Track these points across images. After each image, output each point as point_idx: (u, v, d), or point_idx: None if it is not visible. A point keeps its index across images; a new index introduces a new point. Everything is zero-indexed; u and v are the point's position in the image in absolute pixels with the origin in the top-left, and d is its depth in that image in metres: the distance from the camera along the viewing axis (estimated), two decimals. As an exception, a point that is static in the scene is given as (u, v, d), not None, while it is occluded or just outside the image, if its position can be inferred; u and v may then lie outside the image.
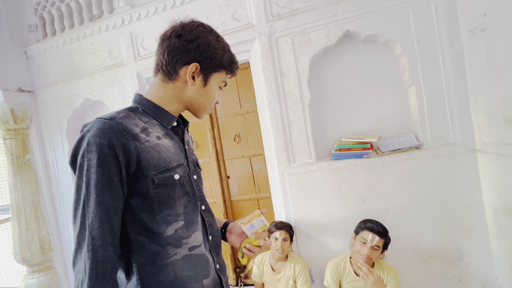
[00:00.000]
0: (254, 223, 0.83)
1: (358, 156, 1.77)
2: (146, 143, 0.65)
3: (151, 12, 2.12)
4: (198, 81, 0.73)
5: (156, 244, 0.66)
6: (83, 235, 0.59)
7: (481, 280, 1.60)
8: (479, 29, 1.40)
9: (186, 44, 0.70)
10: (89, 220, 0.58)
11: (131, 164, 0.62)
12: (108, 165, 0.60)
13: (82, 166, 0.60)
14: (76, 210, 0.61)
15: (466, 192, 1.60)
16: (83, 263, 0.57)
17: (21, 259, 2.35)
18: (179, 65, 0.71)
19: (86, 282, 0.56)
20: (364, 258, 1.44)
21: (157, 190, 0.65)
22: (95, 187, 0.59)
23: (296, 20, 1.82)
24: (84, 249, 0.58)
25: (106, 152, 0.60)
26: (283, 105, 1.88)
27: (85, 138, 0.61)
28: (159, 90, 0.74)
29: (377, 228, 1.46)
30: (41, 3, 2.49)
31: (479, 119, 1.52)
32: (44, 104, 2.54)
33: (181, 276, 0.67)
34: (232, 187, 2.29)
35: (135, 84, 2.22)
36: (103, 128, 0.61)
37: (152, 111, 0.72)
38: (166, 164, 0.67)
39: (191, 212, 0.72)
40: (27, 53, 2.53)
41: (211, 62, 0.72)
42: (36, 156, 2.56)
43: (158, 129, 0.71)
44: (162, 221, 0.66)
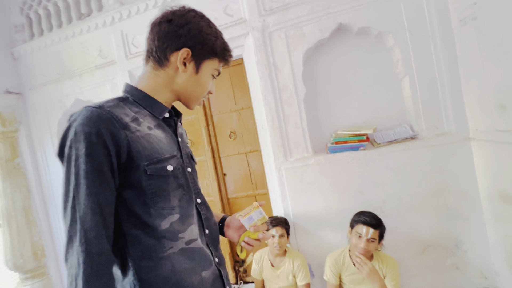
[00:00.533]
0: (252, 215, 0.81)
1: (354, 148, 1.77)
2: (137, 133, 0.63)
3: (141, 9, 2.08)
4: (190, 68, 0.71)
5: (151, 238, 0.63)
6: (75, 228, 0.56)
7: (478, 267, 1.62)
8: (469, 18, 1.41)
9: (176, 30, 0.67)
10: (80, 212, 0.56)
11: (122, 153, 0.60)
12: (97, 155, 0.57)
13: (70, 156, 0.57)
14: (66, 203, 0.58)
15: (461, 180, 1.62)
16: (76, 257, 0.54)
17: (13, 266, 2.28)
18: (170, 51, 0.68)
19: (81, 276, 0.53)
20: (362, 252, 1.44)
21: (149, 182, 0.63)
22: (85, 178, 0.56)
23: (289, 14, 1.81)
24: (76, 242, 0.55)
25: (95, 141, 0.57)
26: (278, 100, 1.87)
27: (72, 127, 0.58)
28: (150, 79, 0.72)
29: (370, 220, 1.45)
30: (27, 3, 2.43)
31: (472, 108, 1.54)
32: (33, 106, 2.48)
33: (179, 269, 0.65)
34: (229, 184, 2.27)
35: (127, 82, 2.18)
36: (90, 117, 0.58)
37: (143, 101, 0.69)
38: (159, 155, 0.65)
39: (186, 205, 0.70)
40: (13, 54, 2.46)
41: (203, 48, 0.70)
42: (26, 159, 2.49)
43: (150, 119, 0.69)
44: (156, 215, 0.64)
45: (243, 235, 0.83)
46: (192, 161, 0.79)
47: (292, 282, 1.71)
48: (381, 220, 1.49)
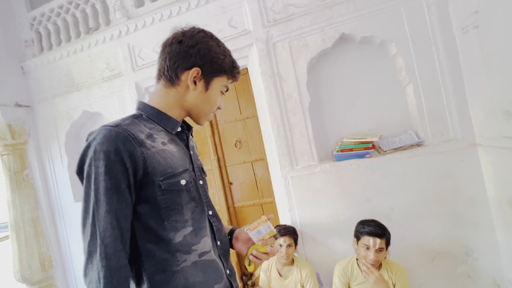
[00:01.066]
0: (260, 229, 0.81)
1: (360, 156, 1.77)
2: (152, 149, 0.65)
3: (148, 23, 2.14)
4: (200, 86, 0.74)
5: (165, 252, 0.65)
6: (95, 244, 0.58)
7: (490, 275, 1.60)
8: (471, 26, 1.43)
9: (187, 50, 0.71)
10: (100, 228, 0.58)
11: (138, 170, 0.62)
12: (115, 172, 0.59)
13: (90, 174, 0.60)
14: (86, 219, 0.60)
15: (469, 186, 1.61)
16: (96, 272, 0.56)
17: (21, 277, 2.29)
18: (181, 70, 0.72)
19: None
20: (373, 263, 1.43)
21: (164, 196, 0.65)
22: (104, 195, 0.58)
23: (292, 25, 1.85)
24: (96, 257, 0.57)
25: (113, 159, 0.59)
26: (283, 109, 1.89)
27: (91, 146, 0.61)
28: (161, 96, 0.75)
29: (375, 230, 1.43)
30: (37, 18, 2.50)
31: (478, 114, 1.55)
32: (41, 118, 2.53)
33: (192, 282, 0.66)
34: (235, 193, 2.27)
35: (134, 94, 2.22)
36: (109, 136, 0.61)
37: (156, 117, 0.72)
38: (172, 170, 0.67)
39: (198, 218, 0.71)
40: (23, 68, 2.53)
41: (212, 66, 0.73)
42: (34, 171, 2.52)
43: (163, 135, 0.71)
44: (170, 228, 0.65)
45: (251, 248, 0.83)
46: (203, 174, 0.81)
47: (300, 292, 1.69)
48: (385, 227, 1.47)
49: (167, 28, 2.09)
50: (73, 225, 2.50)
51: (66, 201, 2.49)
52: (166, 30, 2.09)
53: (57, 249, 2.54)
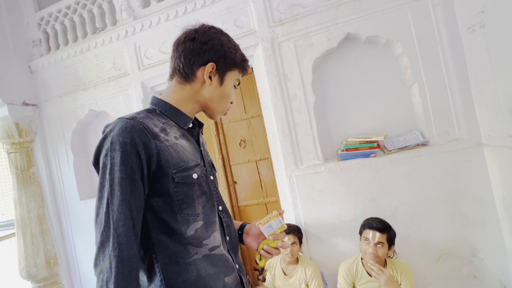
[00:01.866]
0: (272, 224, 0.81)
1: (365, 155, 1.77)
2: (165, 142, 0.66)
3: (154, 23, 2.16)
4: (215, 81, 0.75)
5: (178, 244, 0.66)
6: (108, 233, 0.58)
7: (496, 276, 1.59)
8: (478, 26, 1.43)
9: (201, 46, 0.72)
10: (113, 218, 0.58)
11: (152, 162, 0.63)
12: (130, 163, 0.60)
13: (106, 165, 0.61)
14: (99, 209, 0.60)
15: (475, 186, 1.60)
16: (107, 262, 0.57)
17: (27, 274, 2.31)
18: (196, 66, 0.73)
19: (112, 281, 0.56)
20: (372, 257, 1.43)
21: (177, 189, 0.66)
22: (119, 185, 0.59)
23: (298, 25, 1.86)
24: (109, 247, 0.57)
25: (129, 150, 0.60)
26: (288, 108, 1.90)
27: (108, 137, 0.62)
28: (176, 92, 0.76)
29: (376, 224, 1.45)
30: (45, 18, 2.54)
31: (484, 114, 1.54)
32: (48, 116, 2.55)
33: (204, 274, 0.67)
34: (240, 193, 2.28)
35: (140, 93, 2.24)
36: (125, 127, 0.62)
37: (169, 112, 0.74)
38: (185, 164, 0.68)
39: (209, 213, 0.72)
40: (31, 68, 2.56)
41: (226, 61, 0.74)
42: (40, 169, 2.55)
43: (176, 130, 0.72)
44: (183, 221, 0.66)
45: (262, 243, 0.83)
46: (213, 169, 0.82)
47: (305, 291, 1.69)
48: (389, 224, 1.48)
49: (173, 28, 2.13)
50: (78, 223, 2.52)
51: (72, 199, 2.51)
52: (172, 30, 2.14)
53: (62, 247, 2.56)
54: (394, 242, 1.47)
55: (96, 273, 0.58)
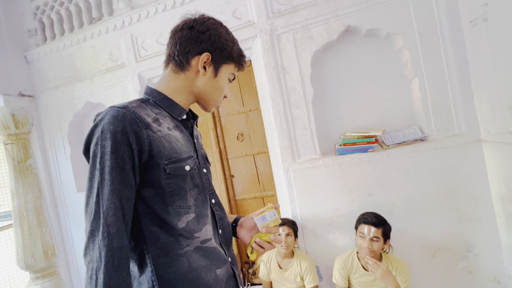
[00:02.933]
0: (266, 215, 0.81)
1: (363, 150, 1.76)
2: (158, 133, 0.65)
3: (151, 13, 2.12)
4: (209, 72, 0.74)
5: (169, 235, 0.65)
6: (97, 222, 0.58)
7: (491, 271, 1.59)
8: (480, 19, 1.40)
9: (198, 35, 0.71)
10: (103, 207, 0.58)
11: (144, 152, 0.62)
12: (121, 153, 0.59)
13: (96, 153, 0.60)
14: (89, 198, 0.60)
15: (472, 182, 1.59)
16: (97, 251, 0.56)
17: (25, 265, 2.32)
18: (191, 55, 0.72)
19: (102, 270, 0.55)
20: (367, 252, 1.44)
21: (168, 181, 0.65)
22: (109, 174, 0.58)
23: (297, 17, 1.82)
24: (98, 236, 0.57)
25: (120, 139, 0.59)
26: (286, 102, 1.88)
27: (99, 126, 0.61)
28: (170, 81, 0.74)
29: (371, 219, 1.46)
30: (40, 8, 2.49)
31: (484, 109, 1.53)
32: (45, 108, 2.53)
33: (195, 266, 0.67)
34: (237, 186, 2.28)
35: (137, 85, 2.22)
36: (116, 116, 0.61)
37: (163, 102, 0.72)
38: (177, 155, 0.67)
39: (201, 205, 0.71)
40: (27, 58, 2.52)
41: (222, 53, 0.74)
42: (37, 160, 2.54)
43: (169, 120, 0.71)
44: (174, 213, 0.66)
45: (254, 236, 0.83)
46: (207, 163, 0.81)
47: (300, 284, 1.70)
48: (384, 219, 1.48)
49: (170, 19, 2.09)
50: (76, 215, 2.52)
51: (69, 191, 2.51)
52: (170, 21, 2.10)
53: (60, 238, 2.57)
54: (389, 236, 1.48)
55: (85, 262, 0.58)
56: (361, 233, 1.48)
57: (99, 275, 0.55)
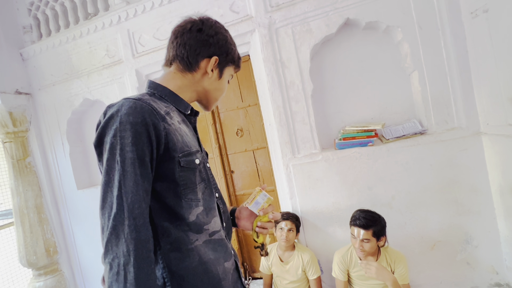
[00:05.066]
0: (258, 199, 0.83)
1: (362, 144, 1.76)
2: (172, 125, 0.66)
3: (147, 8, 2.09)
4: (215, 74, 0.77)
5: (180, 230, 0.66)
6: (121, 216, 0.55)
7: (489, 262, 1.61)
8: (481, 11, 1.39)
9: (207, 38, 0.74)
10: (128, 200, 0.56)
11: (161, 145, 0.62)
12: (141, 144, 0.58)
13: (114, 145, 0.57)
14: (107, 193, 0.57)
15: (472, 175, 1.60)
16: (124, 246, 0.54)
17: (27, 262, 2.33)
18: (202, 57, 0.74)
19: (132, 263, 0.53)
20: (359, 252, 1.45)
21: (182, 173, 0.65)
22: (132, 166, 0.57)
23: (296, 10, 1.80)
24: (124, 231, 0.54)
25: (140, 131, 0.58)
26: (285, 96, 1.87)
27: (115, 117, 0.59)
28: (176, 79, 0.75)
29: (359, 221, 1.44)
30: (35, 3, 2.45)
31: (483, 102, 1.52)
32: (42, 105, 2.51)
33: (206, 259, 0.68)
34: (237, 182, 2.28)
35: (134, 81, 2.20)
36: (135, 107, 0.60)
37: (169, 97, 0.73)
38: (188, 148, 0.68)
39: (208, 199, 0.73)
40: (22, 55, 2.50)
41: (227, 57, 0.77)
42: (37, 158, 2.53)
43: (176, 114, 0.72)
44: (187, 206, 0.66)
45: (255, 221, 0.86)
46: (207, 157, 0.83)
47: (300, 277, 1.72)
48: (375, 219, 1.45)
49: (167, 14, 2.06)
50: (77, 212, 2.52)
51: (69, 189, 2.51)
52: (166, 16, 2.07)
53: (61, 235, 2.58)
54: (383, 233, 1.47)
55: (107, 260, 0.54)
56: (352, 234, 1.49)
57: (128, 269, 0.53)
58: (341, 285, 1.60)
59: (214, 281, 0.67)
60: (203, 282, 0.66)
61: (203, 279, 0.66)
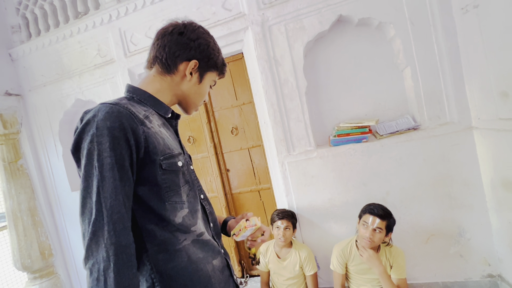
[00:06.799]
0: (245, 234, 0.86)
1: (357, 140, 1.77)
2: (151, 129, 0.65)
3: (139, 6, 2.06)
4: (195, 78, 0.77)
5: (166, 231, 0.66)
6: (100, 222, 0.55)
7: (482, 254, 1.64)
8: (471, 6, 1.40)
9: (188, 42, 0.73)
10: (107, 205, 0.56)
11: (140, 148, 0.62)
12: (120, 149, 0.58)
13: (92, 151, 0.57)
14: (86, 198, 0.57)
15: (464, 169, 1.62)
16: (104, 251, 0.54)
17: (21, 266, 2.30)
18: (180, 60, 0.74)
19: (112, 268, 0.53)
20: (367, 241, 1.46)
21: (164, 177, 0.65)
22: (110, 171, 0.57)
23: (288, 7, 1.79)
24: (104, 236, 0.54)
25: (118, 136, 0.58)
26: (279, 94, 1.87)
27: (92, 122, 0.58)
28: (155, 82, 0.75)
29: (377, 210, 1.47)
30: (23, 3, 2.40)
31: (475, 97, 1.54)
32: (33, 107, 2.47)
33: (194, 259, 0.68)
34: (233, 180, 2.28)
35: (127, 81, 2.17)
36: (111, 112, 0.59)
37: (148, 100, 0.72)
38: (170, 151, 0.68)
39: (192, 201, 0.73)
40: (11, 55, 2.45)
41: (208, 62, 0.77)
42: (29, 161, 2.49)
43: (156, 118, 0.72)
44: (171, 209, 0.66)
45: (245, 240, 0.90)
46: (190, 160, 0.84)
47: (298, 273, 1.73)
48: (390, 212, 1.49)
49: (159, 12, 2.03)
50: (71, 214, 2.50)
51: (63, 190, 2.48)
52: (158, 14, 2.05)
53: (56, 238, 2.56)
54: (392, 229, 1.49)
55: (88, 265, 0.55)
56: (365, 222, 1.48)
57: (108, 275, 0.53)
58: (339, 278, 1.62)
59: (204, 280, 0.68)
60: (193, 281, 0.66)
61: (192, 278, 0.66)
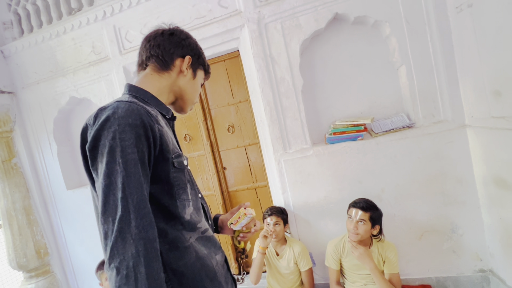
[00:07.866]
0: (242, 222, 0.89)
1: (352, 138, 1.79)
2: (163, 128, 0.68)
3: (134, 3, 2.04)
4: (189, 73, 0.80)
5: (175, 230, 0.67)
6: (127, 218, 0.54)
7: (474, 250, 1.68)
8: (465, 5, 1.41)
9: (179, 40, 0.78)
10: (133, 201, 0.56)
11: (156, 146, 0.63)
12: (141, 146, 0.59)
13: (114, 148, 0.56)
14: (110, 196, 0.55)
15: (457, 167, 1.65)
16: (133, 247, 0.53)
17: (17, 265, 2.29)
18: (176, 56, 0.77)
19: (143, 263, 0.53)
20: (353, 233, 1.49)
21: (175, 175, 0.67)
22: (134, 167, 0.57)
23: (285, 5, 1.79)
24: (131, 232, 0.54)
25: (140, 132, 0.59)
26: (276, 92, 1.87)
27: (112, 119, 0.58)
28: (154, 80, 0.76)
29: (360, 204, 1.51)
30: (15, -2, 2.36)
31: (468, 95, 1.56)
32: (27, 105, 2.44)
33: (201, 255, 0.71)
34: (229, 178, 2.28)
35: (122, 78, 2.15)
36: (132, 110, 0.60)
37: (151, 100, 0.73)
38: (177, 150, 0.71)
39: (195, 199, 0.75)
40: (3, 52, 2.41)
41: (199, 59, 0.83)
42: (23, 159, 2.47)
43: (160, 118, 0.73)
44: (181, 206, 0.68)
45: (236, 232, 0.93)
46: None
47: (293, 269, 1.75)
48: (374, 205, 1.52)
49: (154, 9, 2.02)
50: (67, 213, 2.49)
51: (58, 189, 2.46)
52: (154, 11, 2.03)
53: (52, 237, 2.54)
54: (379, 222, 1.52)
55: (114, 264, 0.53)
56: (349, 215, 1.53)
57: (139, 270, 0.53)
58: (334, 273, 1.65)
59: (211, 274, 0.70)
60: (201, 276, 0.68)
61: (201, 273, 0.69)
